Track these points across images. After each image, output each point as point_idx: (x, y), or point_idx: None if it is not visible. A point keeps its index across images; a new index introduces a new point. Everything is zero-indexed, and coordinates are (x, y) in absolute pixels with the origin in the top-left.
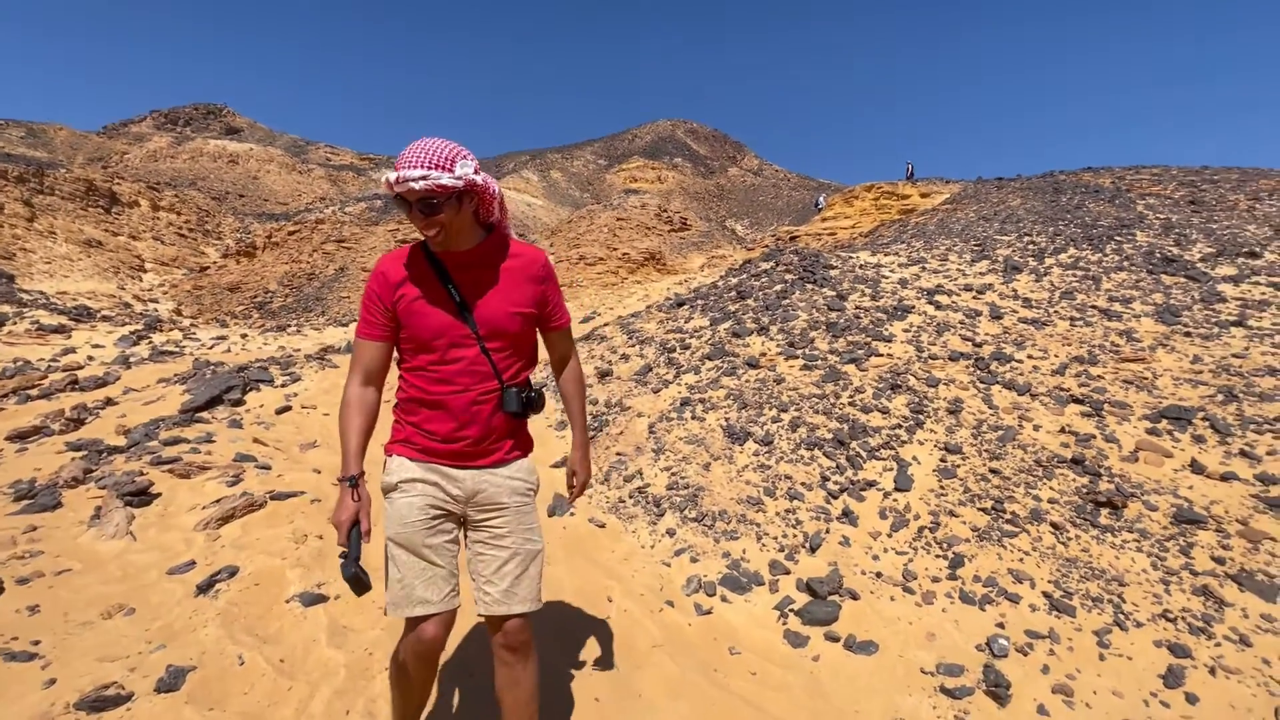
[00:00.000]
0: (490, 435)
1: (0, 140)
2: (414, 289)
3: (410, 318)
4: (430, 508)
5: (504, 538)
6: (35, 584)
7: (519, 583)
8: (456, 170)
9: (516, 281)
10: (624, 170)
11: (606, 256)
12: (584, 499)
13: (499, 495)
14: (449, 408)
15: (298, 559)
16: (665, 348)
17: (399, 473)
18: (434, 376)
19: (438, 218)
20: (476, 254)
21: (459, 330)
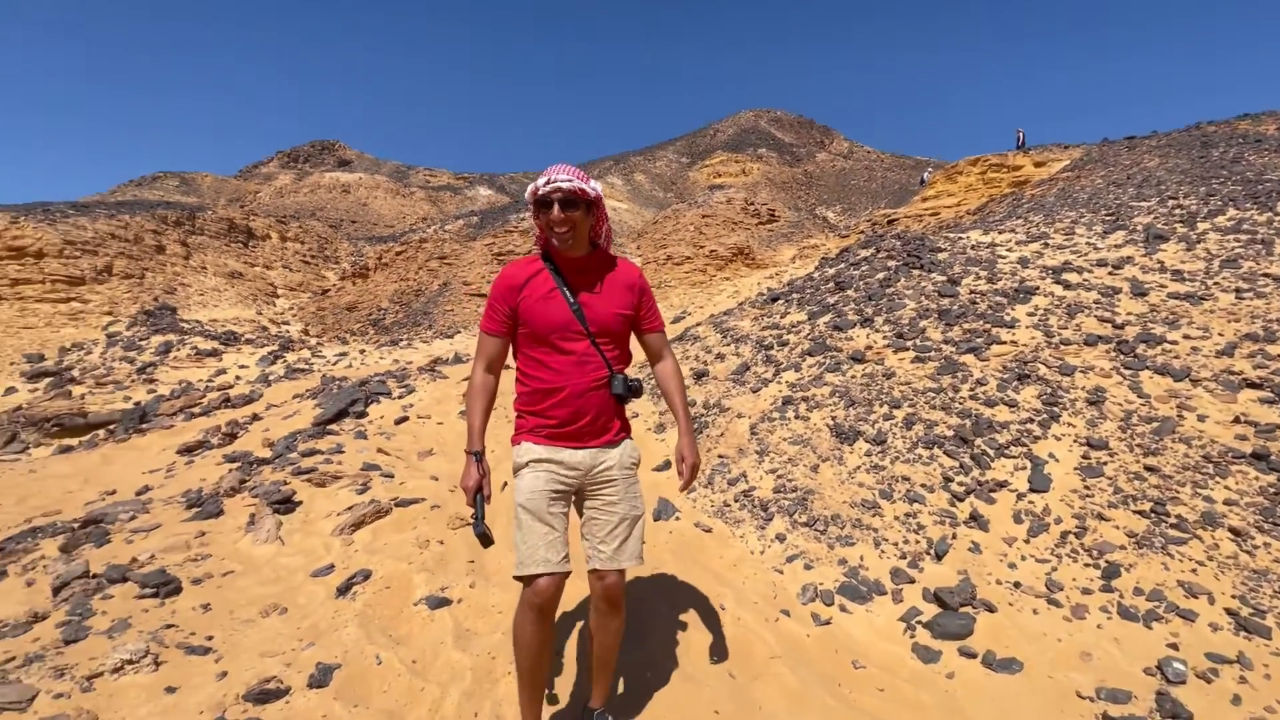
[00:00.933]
0: (602, 416)
1: (160, 190)
2: (535, 290)
3: (531, 314)
4: (553, 480)
5: (616, 505)
6: (206, 584)
7: (627, 544)
8: (590, 185)
9: (619, 288)
10: (707, 166)
11: (694, 255)
12: (688, 503)
13: (611, 471)
14: (567, 393)
15: (422, 564)
16: (762, 345)
17: (527, 454)
18: (552, 367)
19: (574, 214)
20: (587, 262)
21: (574, 326)
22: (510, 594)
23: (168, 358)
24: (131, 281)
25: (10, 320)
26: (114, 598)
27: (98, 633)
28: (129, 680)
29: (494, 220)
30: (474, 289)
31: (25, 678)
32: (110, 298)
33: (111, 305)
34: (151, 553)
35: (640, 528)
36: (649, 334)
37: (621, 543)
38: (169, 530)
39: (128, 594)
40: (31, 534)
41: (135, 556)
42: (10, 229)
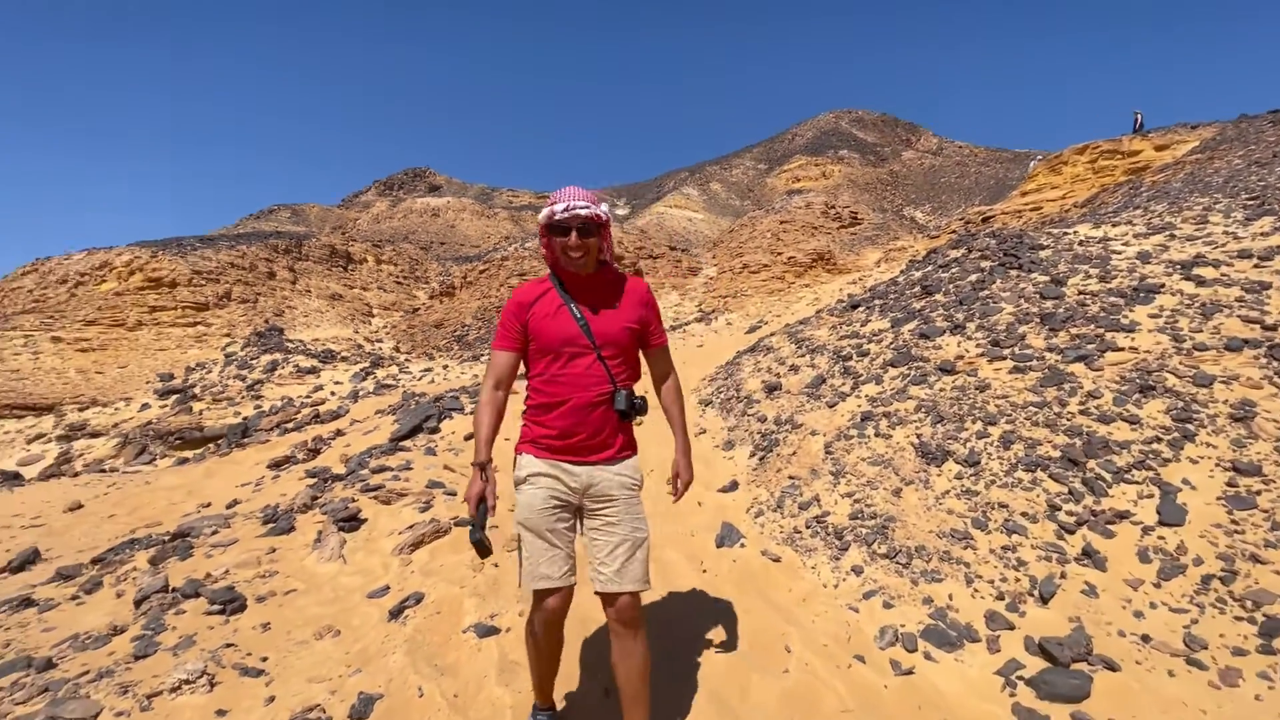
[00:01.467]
0: (603, 431)
1: (274, 221)
2: (544, 307)
3: (540, 330)
4: (551, 498)
5: (615, 526)
6: (269, 602)
7: (629, 565)
8: (603, 210)
9: (626, 303)
10: (785, 171)
11: (771, 262)
12: (755, 528)
13: (610, 489)
14: (569, 405)
15: (474, 588)
16: (840, 356)
17: (526, 468)
18: (557, 380)
19: (590, 240)
20: (595, 280)
21: (580, 340)
22: None
23: (273, 375)
24: (247, 305)
25: (148, 343)
26: (185, 613)
27: (165, 649)
28: (185, 700)
29: None
30: None
31: (94, 693)
32: (229, 320)
33: (229, 327)
34: (226, 567)
35: (644, 551)
36: (654, 349)
37: (623, 564)
38: (244, 546)
39: (198, 609)
40: (130, 545)
41: (210, 572)
42: (151, 262)
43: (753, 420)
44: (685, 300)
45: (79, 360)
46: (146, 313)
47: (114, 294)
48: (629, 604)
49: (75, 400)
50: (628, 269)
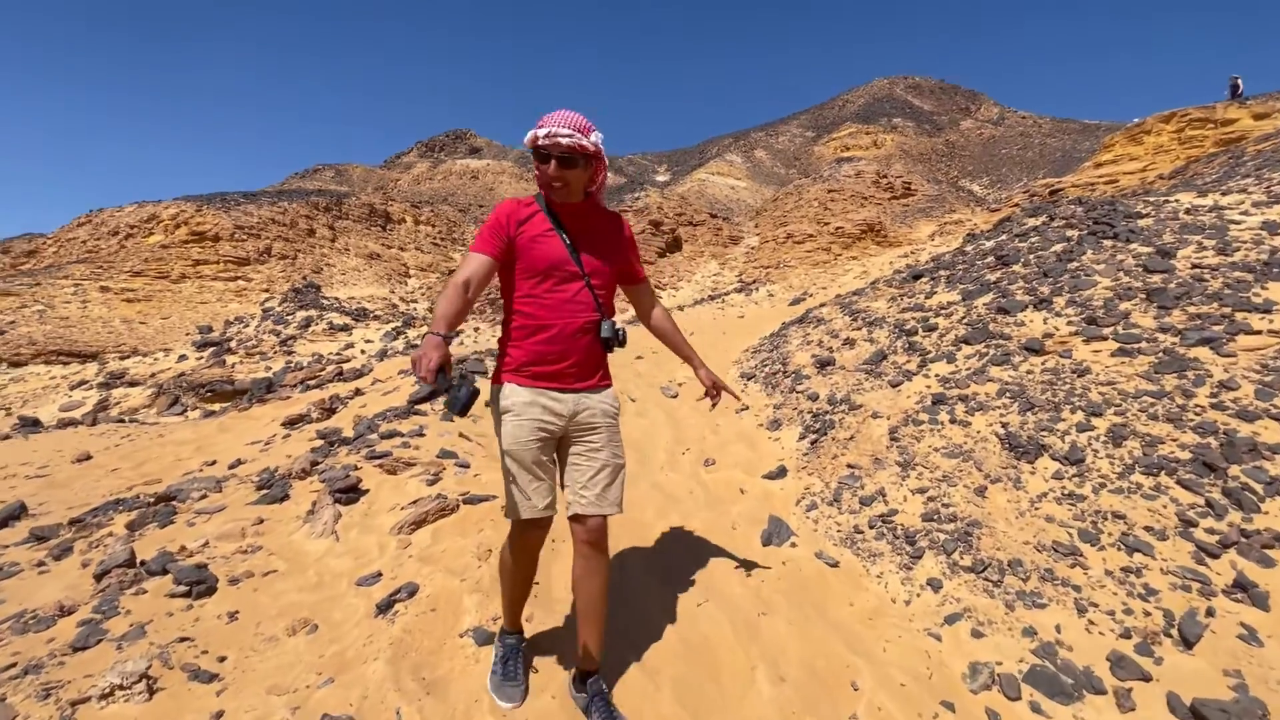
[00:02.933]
0: (589, 360)
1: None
2: (534, 228)
3: (530, 250)
4: (538, 429)
5: (598, 451)
6: (243, 585)
7: (609, 489)
8: (591, 138)
9: (610, 235)
10: (834, 139)
11: (816, 232)
12: (807, 523)
13: (594, 417)
14: (557, 331)
15: (476, 582)
16: (902, 330)
17: (512, 397)
18: (545, 304)
19: (569, 172)
20: (581, 209)
21: (568, 265)
22: (570, 630)
23: (307, 331)
24: (286, 262)
25: (190, 296)
26: (146, 594)
27: (110, 639)
28: (114, 710)
29: (608, 201)
30: None
31: (11, 694)
32: (268, 276)
33: (269, 283)
34: (206, 539)
35: (622, 477)
36: (637, 284)
37: (604, 488)
38: (231, 514)
39: (160, 590)
40: (114, 505)
41: (185, 544)
42: (195, 215)
43: (802, 398)
44: (725, 269)
45: (124, 310)
46: (190, 265)
47: (160, 246)
48: (601, 525)
49: (118, 349)
50: (666, 235)
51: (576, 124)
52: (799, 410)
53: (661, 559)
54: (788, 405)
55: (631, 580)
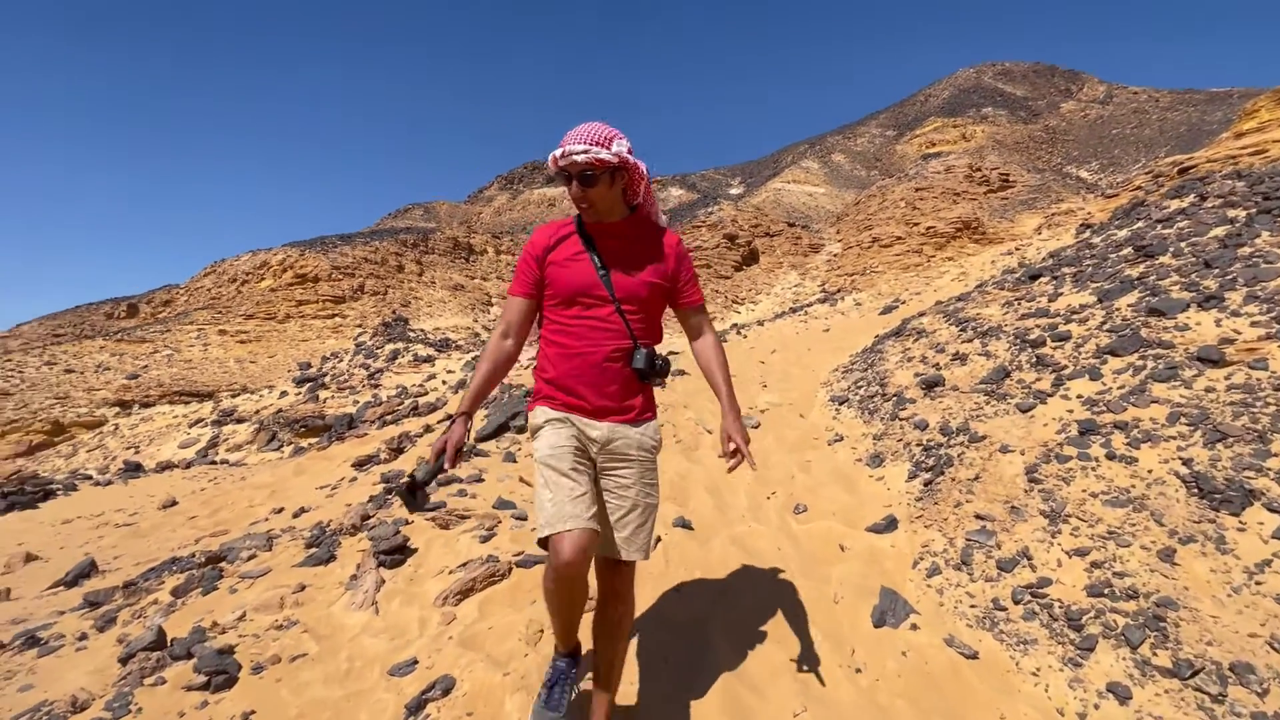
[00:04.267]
0: (621, 391)
1: (409, 219)
2: (564, 251)
3: (555, 276)
4: (573, 438)
5: (629, 489)
6: (266, 675)
7: (638, 533)
8: (613, 148)
9: (653, 256)
10: (918, 136)
11: (905, 234)
12: (931, 597)
13: (628, 448)
14: (584, 361)
15: (521, 676)
16: (1025, 340)
17: (544, 415)
18: (572, 331)
19: (591, 190)
20: (620, 227)
21: (597, 289)
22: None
23: (393, 364)
24: (377, 298)
25: (294, 334)
26: (165, 684)
27: None
28: None
29: (680, 217)
30: None
31: None
32: (361, 312)
33: (362, 318)
34: (243, 610)
35: (652, 519)
36: (686, 309)
37: (633, 531)
38: (274, 579)
39: (179, 681)
40: (170, 565)
41: (217, 621)
42: (299, 260)
43: (908, 427)
44: (806, 280)
45: (238, 351)
46: (294, 306)
47: (269, 290)
48: (628, 574)
49: (230, 387)
50: (741, 248)
51: (594, 136)
52: (905, 442)
53: (746, 646)
54: (890, 435)
55: (706, 671)
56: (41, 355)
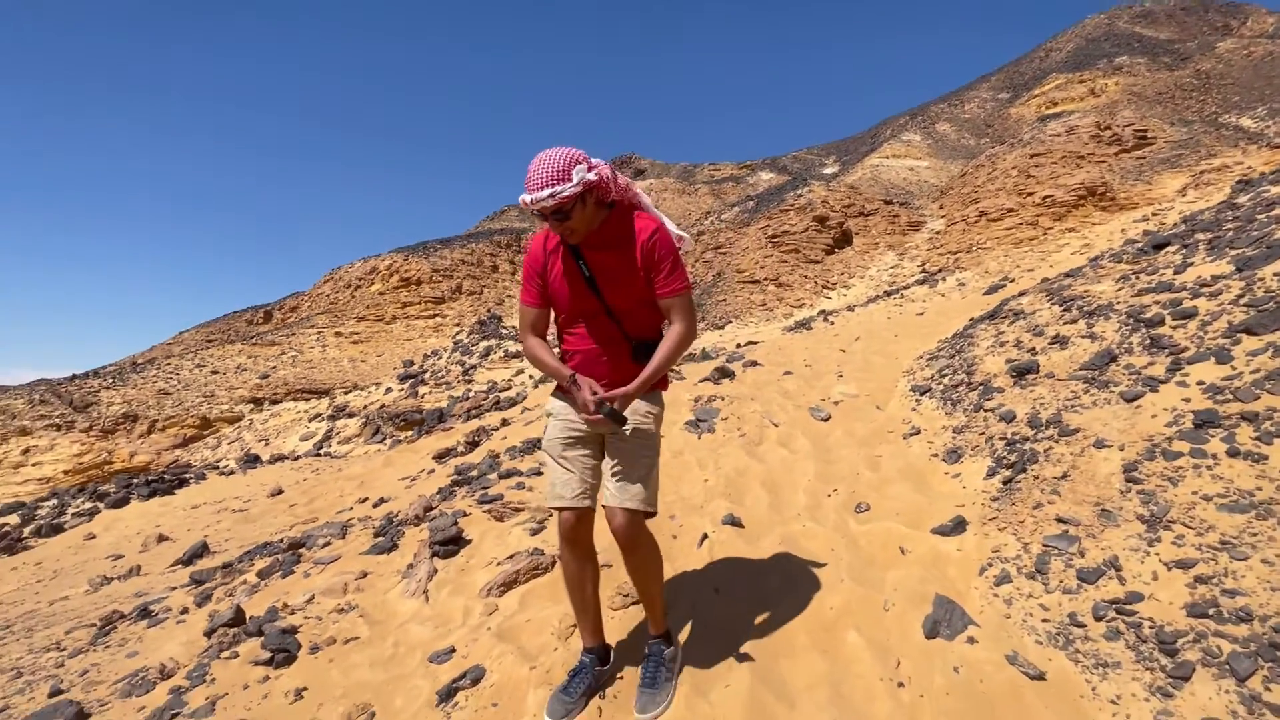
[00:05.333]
0: (614, 371)
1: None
2: (555, 269)
3: (554, 294)
4: (568, 429)
5: (624, 444)
6: (321, 655)
7: (629, 486)
8: (574, 178)
9: (633, 253)
10: (1036, 97)
11: (1018, 205)
12: (997, 608)
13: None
14: (585, 356)
15: (547, 671)
16: (1139, 319)
17: (550, 406)
18: (575, 334)
19: (569, 223)
20: (600, 235)
21: (590, 303)
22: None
23: (486, 360)
24: (474, 297)
25: (399, 334)
26: (237, 658)
27: (184, 716)
28: None
29: (769, 201)
30: (746, 275)
31: None
32: (459, 311)
33: (459, 317)
34: (312, 593)
35: (652, 476)
36: (661, 299)
37: (623, 482)
38: (342, 565)
39: (249, 656)
40: (261, 549)
41: (288, 603)
42: (404, 264)
43: (992, 419)
44: (905, 260)
45: (351, 351)
46: (399, 308)
47: (378, 293)
48: (622, 524)
49: (343, 385)
50: (832, 230)
51: (553, 175)
52: (987, 435)
53: (779, 653)
54: (972, 429)
55: (734, 676)
56: (194, 359)
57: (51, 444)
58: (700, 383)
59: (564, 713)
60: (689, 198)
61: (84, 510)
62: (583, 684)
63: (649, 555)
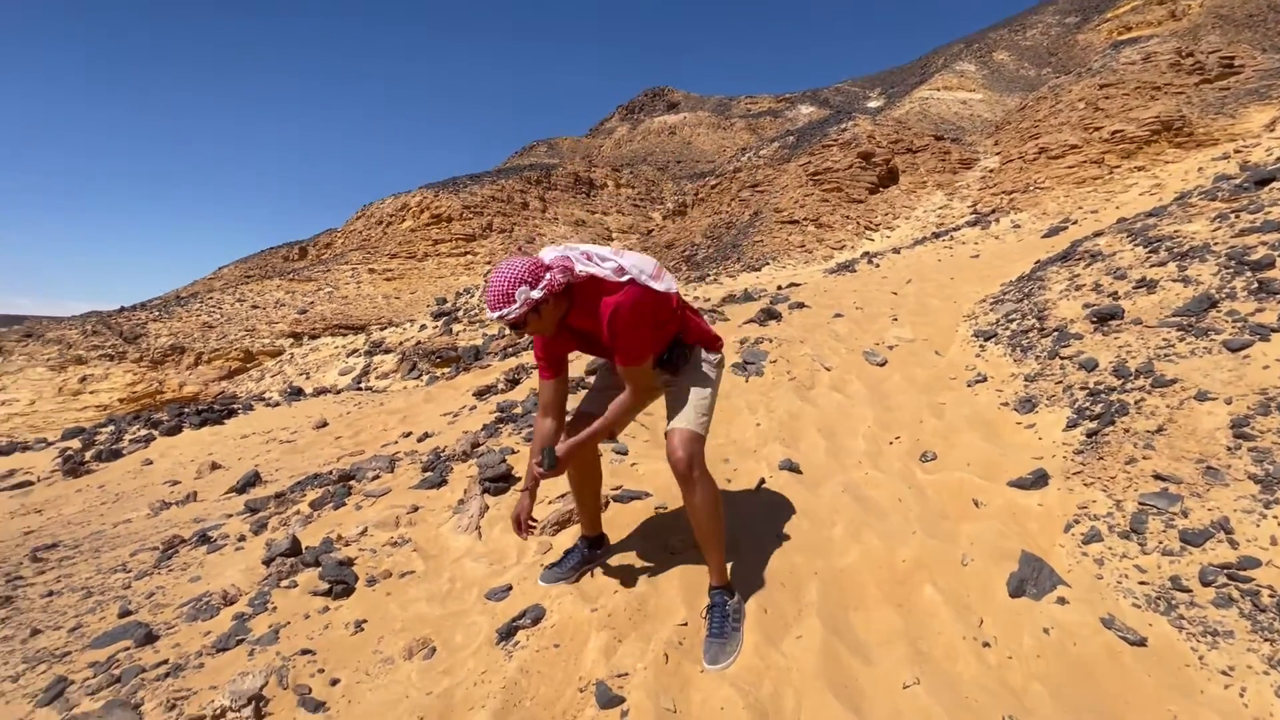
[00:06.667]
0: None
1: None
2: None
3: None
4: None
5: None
6: (378, 588)
7: (682, 411)
8: (518, 299)
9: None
10: (1107, 20)
11: (1083, 142)
12: (1088, 568)
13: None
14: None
15: (608, 614)
16: (1243, 261)
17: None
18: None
19: (530, 327)
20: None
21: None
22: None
23: None
24: (504, 234)
25: (431, 272)
26: (296, 588)
27: (248, 641)
28: None
29: (810, 137)
30: (785, 215)
31: (148, 699)
32: (490, 249)
33: (490, 255)
34: (365, 525)
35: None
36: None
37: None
38: (392, 499)
39: (307, 585)
40: (312, 480)
41: (341, 534)
42: (434, 201)
43: (1071, 367)
44: (954, 200)
45: (385, 288)
46: (430, 245)
47: (410, 230)
48: (675, 445)
49: (378, 321)
50: (878, 167)
51: (498, 296)
52: (1065, 384)
53: (849, 605)
54: (1047, 376)
55: (804, 627)
56: (234, 294)
57: (106, 373)
58: (745, 324)
59: (555, 579)
60: (724, 133)
61: (140, 437)
62: (573, 560)
63: (706, 493)
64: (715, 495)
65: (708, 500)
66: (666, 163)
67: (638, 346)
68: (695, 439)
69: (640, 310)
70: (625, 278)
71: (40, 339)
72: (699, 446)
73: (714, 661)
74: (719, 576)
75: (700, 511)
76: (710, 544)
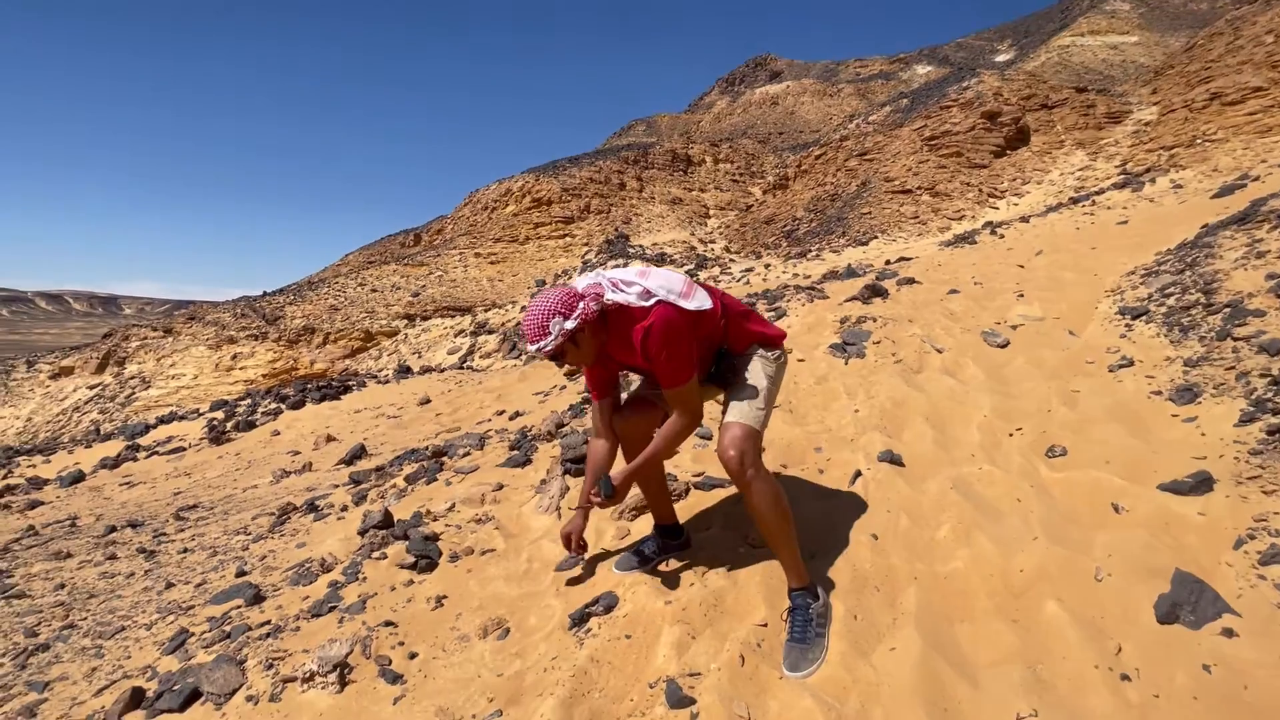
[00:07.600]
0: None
1: (630, 136)
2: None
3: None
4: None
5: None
6: (460, 564)
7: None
8: (552, 331)
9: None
10: None
11: (1269, 84)
12: (1261, 595)
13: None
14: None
15: (683, 608)
16: None
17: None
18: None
19: (569, 359)
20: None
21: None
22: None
23: None
24: (601, 216)
25: (532, 254)
26: (385, 560)
27: (339, 609)
28: (308, 698)
29: (926, 98)
30: (897, 184)
31: (251, 657)
32: (588, 231)
33: (588, 237)
34: (453, 502)
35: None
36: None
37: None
38: (480, 477)
39: (395, 558)
40: (409, 455)
41: (431, 509)
42: (535, 185)
43: (1247, 350)
44: (1098, 160)
45: (489, 271)
46: (531, 229)
47: (513, 215)
48: (726, 443)
49: (483, 303)
50: (1005, 127)
51: (535, 330)
52: (1239, 371)
53: (954, 617)
54: (1214, 361)
55: (899, 639)
56: (357, 278)
57: (252, 351)
58: (846, 302)
59: (629, 567)
60: (830, 100)
61: (270, 410)
62: (649, 547)
63: (764, 491)
64: (775, 492)
65: (766, 499)
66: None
67: (676, 367)
68: (749, 435)
69: (672, 329)
70: (652, 300)
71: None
72: (753, 444)
73: (794, 668)
74: (797, 578)
75: (760, 511)
76: (779, 544)
